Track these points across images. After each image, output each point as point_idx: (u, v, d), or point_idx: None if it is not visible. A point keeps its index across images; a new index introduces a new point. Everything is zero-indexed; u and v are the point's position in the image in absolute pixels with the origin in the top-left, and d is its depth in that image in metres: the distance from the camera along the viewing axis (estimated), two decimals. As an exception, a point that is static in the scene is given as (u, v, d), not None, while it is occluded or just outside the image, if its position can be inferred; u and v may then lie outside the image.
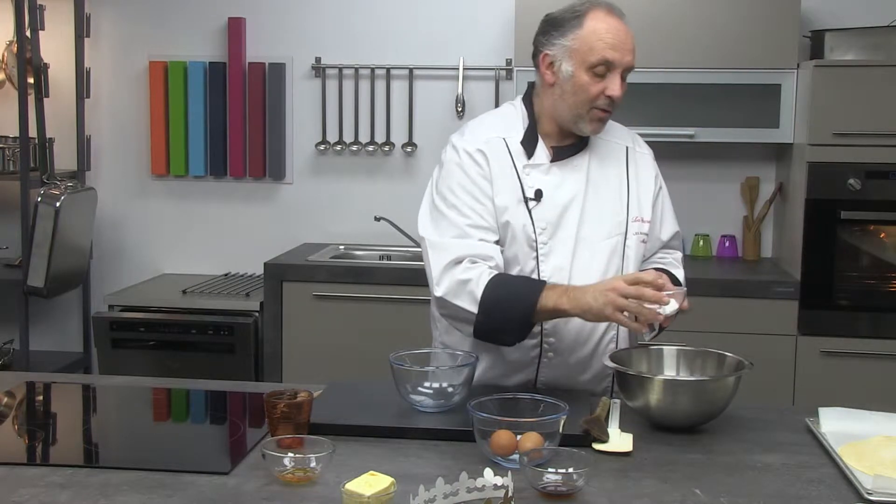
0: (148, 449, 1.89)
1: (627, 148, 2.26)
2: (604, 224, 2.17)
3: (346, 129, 4.29)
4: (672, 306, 1.94)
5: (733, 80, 3.72)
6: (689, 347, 2.10)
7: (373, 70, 4.23)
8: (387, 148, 4.28)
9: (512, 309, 2.02)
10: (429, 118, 4.23)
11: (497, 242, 2.12)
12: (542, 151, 2.17)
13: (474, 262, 2.07)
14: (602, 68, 2.07)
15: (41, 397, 2.26)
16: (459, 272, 2.06)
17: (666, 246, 2.31)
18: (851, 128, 3.53)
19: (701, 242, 4.11)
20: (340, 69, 4.26)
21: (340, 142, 4.29)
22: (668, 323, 2.01)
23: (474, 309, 2.03)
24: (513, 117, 2.22)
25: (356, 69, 4.24)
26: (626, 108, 3.91)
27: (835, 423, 1.93)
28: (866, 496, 1.60)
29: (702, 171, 4.09)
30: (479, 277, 2.04)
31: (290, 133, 4.32)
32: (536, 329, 2.13)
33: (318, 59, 4.27)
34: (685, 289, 2.04)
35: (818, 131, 3.56)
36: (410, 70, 4.21)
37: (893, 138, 3.52)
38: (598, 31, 2.07)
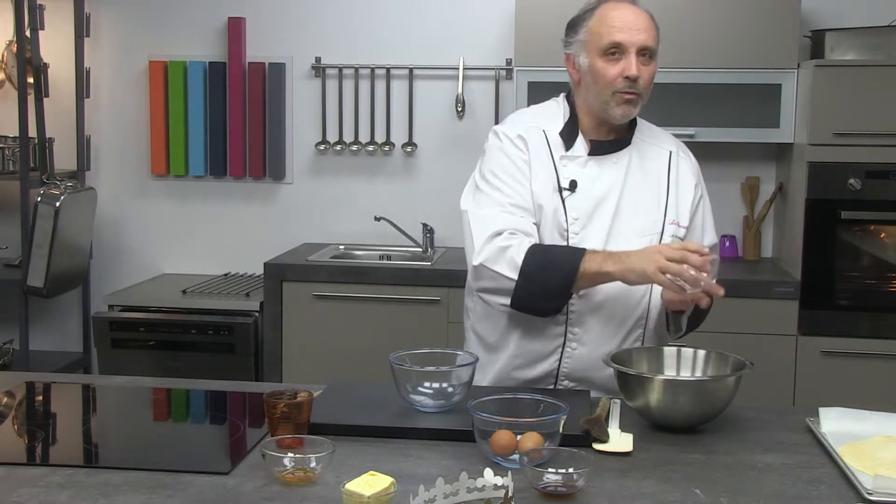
0: (148, 449, 1.89)
1: (671, 153, 2.28)
2: (639, 221, 2.18)
3: (346, 129, 4.29)
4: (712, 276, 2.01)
5: (733, 80, 3.72)
6: (689, 347, 2.10)
7: (373, 70, 4.23)
8: (387, 148, 4.28)
9: (553, 274, 2.04)
10: (429, 118, 4.23)
11: (535, 224, 2.15)
12: (580, 144, 2.20)
13: (514, 234, 2.11)
14: (615, 51, 2.11)
15: (41, 397, 2.26)
16: (500, 241, 2.10)
17: None
18: (851, 128, 3.53)
19: (701, 242, 4.11)
20: (340, 69, 4.26)
21: (340, 142, 4.29)
22: (699, 321, 2.11)
23: (514, 275, 2.06)
24: (554, 110, 2.26)
25: (356, 69, 4.24)
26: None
27: (835, 423, 1.93)
28: (866, 496, 1.60)
29: (702, 171, 4.07)
30: (519, 245, 2.08)
31: (290, 133, 4.33)
32: (562, 318, 2.14)
33: (318, 59, 4.27)
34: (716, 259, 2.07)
35: (818, 131, 3.56)
36: (410, 70, 4.21)
37: (893, 138, 3.52)
38: (606, 18, 2.13)
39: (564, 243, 2.14)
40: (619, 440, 1.85)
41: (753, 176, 4.09)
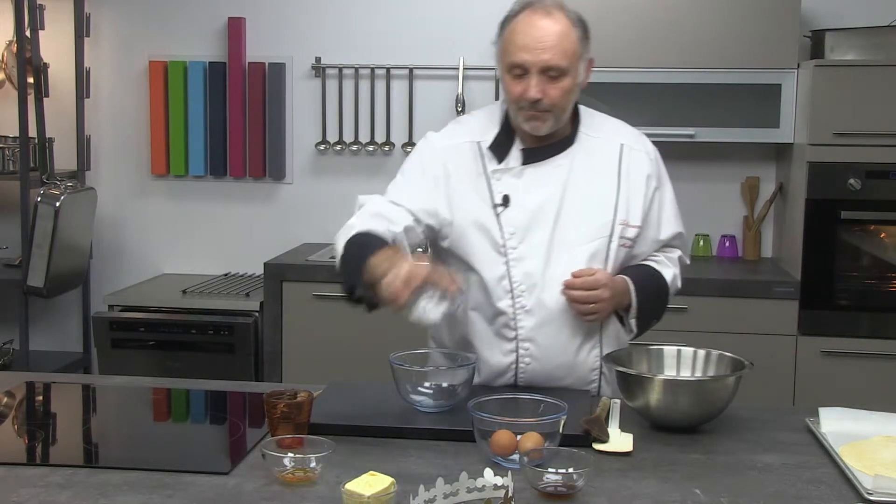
0: (148, 449, 1.89)
1: (622, 146, 2.17)
2: (584, 227, 2.10)
3: (346, 129, 4.29)
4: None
5: (733, 80, 3.72)
6: (689, 347, 2.10)
7: (373, 70, 4.23)
8: (387, 148, 4.27)
9: (352, 261, 1.96)
10: (429, 118, 4.22)
11: (412, 223, 2.09)
12: (514, 154, 2.13)
13: (376, 215, 2.07)
14: (518, 70, 2.03)
15: (41, 397, 2.26)
16: (355, 217, 2.09)
17: (667, 245, 2.25)
18: (851, 128, 3.53)
19: (701, 242, 4.11)
20: (340, 69, 4.26)
21: (340, 142, 4.29)
22: (648, 323, 2.16)
23: (339, 248, 2.04)
24: (490, 119, 2.18)
25: (356, 69, 4.24)
26: (627, 108, 3.93)
27: (835, 423, 1.93)
28: (866, 496, 1.60)
29: (702, 171, 4.09)
30: (353, 226, 2.04)
31: (290, 133, 4.32)
32: (511, 335, 2.11)
33: (318, 59, 4.27)
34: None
35: (818, 131, 3.56)
36: (410, 70, 4.21)
37: (893, 138, 3.52)
38: (514, 32, 2.05)
39: (504, 259, 2.09)
40: (619, 440, 1.85)
41: (753, 176, 4.09)
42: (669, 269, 2.24)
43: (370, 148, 4.28)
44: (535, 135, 2.10)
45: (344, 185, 4.31)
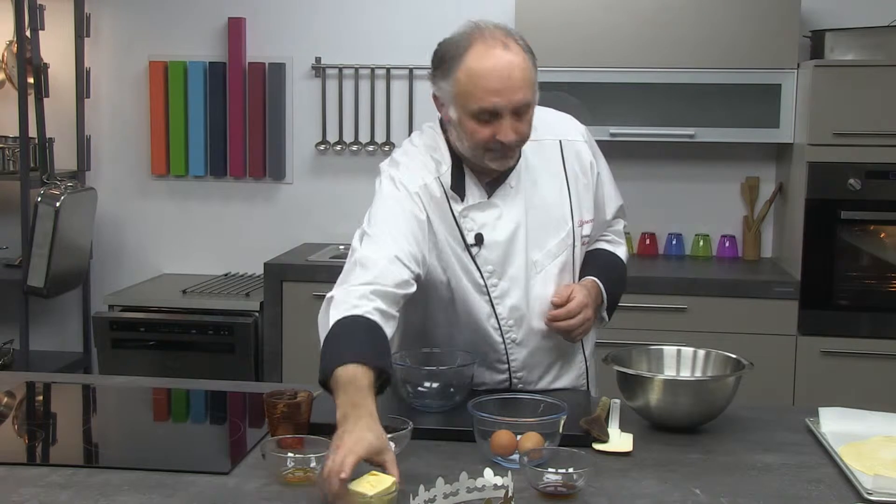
0: (148, 449, 1.89)
1: (561, 142, 2.10)
2: (551, 243, 2.06)
3: (346, 129, 4.29)
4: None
5: (733, 80, 3.72)
6: (689, 347, 2.10)
7: (373, 70, 4.23)
8: (387, 148, 4.27)
9: (325, 353, 1.77)
10: (429, 118, 4.19)
11: (418, 277, 1.93)
12: (473, 189, 2.01)
13: (360, 300, 1.80)
14: (487, 115, 1.87)
15: (41, 397, 2.26)
16: (342, 293, 1.83)
17: (610, 225, 2.25)
18: (851, 128, 3.53)
19: (701, 242, 4.11)
20: (340, 69, 4.26)
21: (340, 142, 4.29)
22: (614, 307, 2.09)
23: (322, 331, 1.82)
24: (437, 152, 2.03)
25: (356, 69, 4.24)
26: (627, 108, 3.93)
27: (835, 423, 1.93)
28: (866, 496, 1.60)
29: (702, 171, 4.09)
30: (335, 317, 1.79)
31: (290, 133, 4.32)
32: (503, 367, 2.10)
33: (318, 59, 4.27)
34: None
35: (818, 131, 3.56)
36: (410, 70, 4.21)
37: (893, 138, 3.52)
38: (476, 74, 1.86)
39: (487, 298, 2.03)
40: (619, 440, 1.85)
41: (753, 176, 4.09)
42: (621, 246, 2.26)
43: (370, 148, 4.28)
44: (501, 170, 1.98)
45: (344, 185, 4.31)
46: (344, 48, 4.26)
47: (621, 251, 2.25)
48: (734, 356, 2.02)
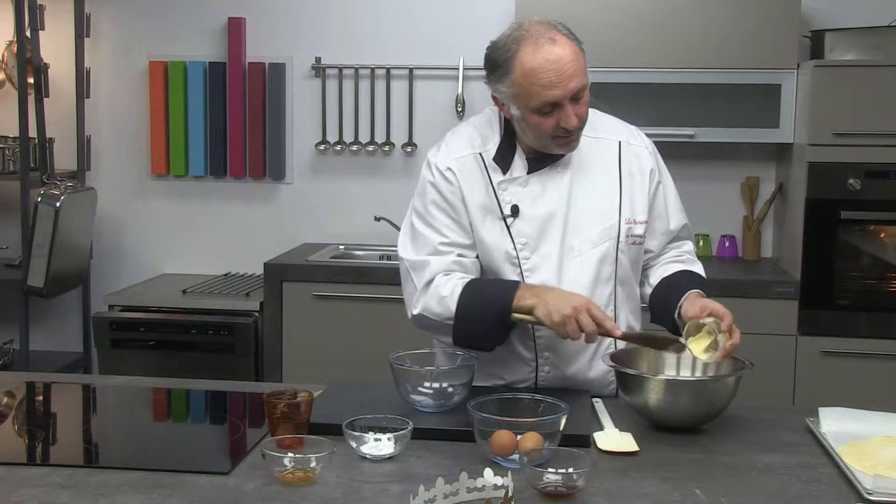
0: (148, 449, 1.89)
1: (620, 143, 2.17)
2: (592, 231, 2.10)
3: (346, 129, 4.29)
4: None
5: (733, 80, 3.72)
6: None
7: (373, 70, 4.23)
8: (387, 148, 4.28)
9: (487, 312, 2.01)
10: (429, 118, 4.23)
11: (477, 257, 2.11)
12: (518, 163, 2.11)
13: (448, 275, 2.07)
14: (549, 108, 1.98)
15: (41, 397, 2.26)
16: (434, 287, 2.07)
17: (676, 238, 2.27)
18: (851, 128, 3.53)
19: (701, 242, 4.11)
20: (340, 69, 4.26)
21: (340, 142, 4.29)
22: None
23: (450, 318, 2.04)
24: (489, 129, 2.15)
25: (356, 69, 4.24)
26: (627, 108, 3.92)
27: (835, 423, 1.93)
28: (866, 496, 1.60)
29: (702, 171, 4.09)
30: (453, 288, 2.04)
31: (290, 133, 4.32)
32: (530, 344, 2.11)
33: (318, 59, 4.27)
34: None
35: (818, 131, 3.56)
36: (410, 70, 4.21)
37: (893, 138, 3.52)
38: (531, 72, 1.96)
39: (518, 270, 2.09)
40: (622, 440, 1.85)
41: (753, 176, 4.09)
42: (696, 263, 2.28)
43: (370, 148, 4.28)
44: (567, 153, 2.09)
45: (344, 185, 4.31)
46: (344, 48, 4.26)
47: (698, 268, 2.26)
48: (734, 356, 2.02)
